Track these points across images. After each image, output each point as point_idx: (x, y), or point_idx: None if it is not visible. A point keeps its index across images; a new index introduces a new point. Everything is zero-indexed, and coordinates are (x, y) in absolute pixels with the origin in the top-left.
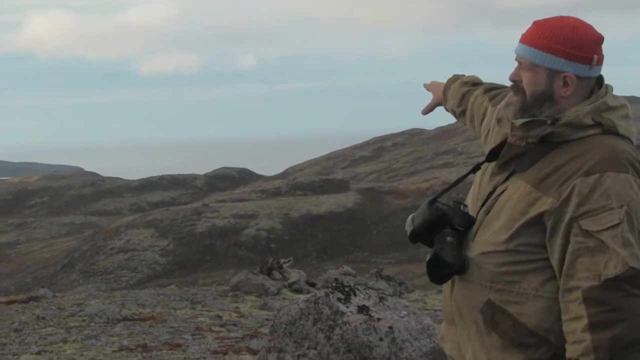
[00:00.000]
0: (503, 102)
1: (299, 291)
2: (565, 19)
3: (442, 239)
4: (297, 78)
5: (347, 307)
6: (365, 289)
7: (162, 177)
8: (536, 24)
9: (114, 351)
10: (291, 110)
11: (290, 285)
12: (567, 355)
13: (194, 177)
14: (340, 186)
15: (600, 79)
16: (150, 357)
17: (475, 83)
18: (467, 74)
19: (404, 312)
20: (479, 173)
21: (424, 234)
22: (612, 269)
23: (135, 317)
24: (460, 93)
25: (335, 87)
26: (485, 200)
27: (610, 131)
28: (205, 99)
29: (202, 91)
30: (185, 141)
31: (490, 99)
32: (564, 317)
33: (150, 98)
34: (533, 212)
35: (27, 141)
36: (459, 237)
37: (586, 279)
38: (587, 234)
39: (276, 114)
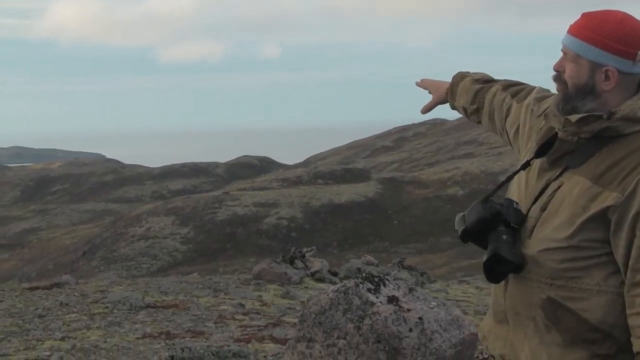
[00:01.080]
0: (533, 96)
1: (321, 280)
2: (614, 13)
3: (497, 237)
4: (321, 67)
5: (377, 298)
6: (394, 279)
7: (183, 165)
8: (584, 15)
9: (137, 338)
10: (314, 99)
11: (312, 275)
12: (635, 349)
13: (216, 165)
14: (361, 175)
15: None
16: (174, 344)
17: (487, 80)
18: (472, 71)
19: (434, 303)
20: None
21: (477, 232)
22: None
23: (158, 304)
24: (474, 90)
25: (358, 76)
26: (537, 197)
27: None
28: (228, 87)
29: (225, 79)
30: (208, 129)
31: (513, 96)
32: (629, 311)
33: (173, 86)
34: (596, 207)
35: (49, 128)
36: (514, 235)
37: None
38: None
39: (299, 102)
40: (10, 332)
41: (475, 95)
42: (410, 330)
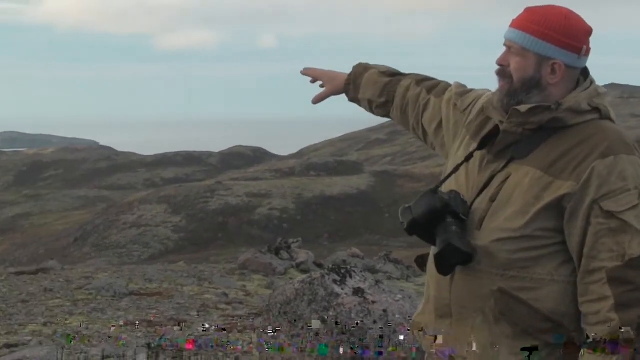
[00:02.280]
0: (453, 92)
1: (306, 271)
2: (559, 8)
3: (447, 228)
4: (318, 58)
5: (342, 289)
6: (361, 271)
7: (177, 154)
8: (529, 10)
9: (120, 325)
10: (310, 90)
11: (297, 266)
12: (594, 336)
13: (209, 154)
14: (354, 168)
15: (585, 70)
16: (155, 332)
17: (393, 73)
18: (374, 63)
19: (399, 296)
20: (454, 163)
21: (425, 224)
22: (637, 248)
23: (142, 292)
24: (382, 83)
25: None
26: (482, 189)
27: (606, 116)
28: (224, 77)
29: (221, 69)
30: (202, 118)
31: (429, 91)
32: (582, 298)
33: (169, 74)
34: (550, 196)
35: (44, 113)
36: (462, 227)
37: (610, 260)
38: (609, 214)
39: (295, 93)
40: None
41: (383, 88)
42: (375, 322)
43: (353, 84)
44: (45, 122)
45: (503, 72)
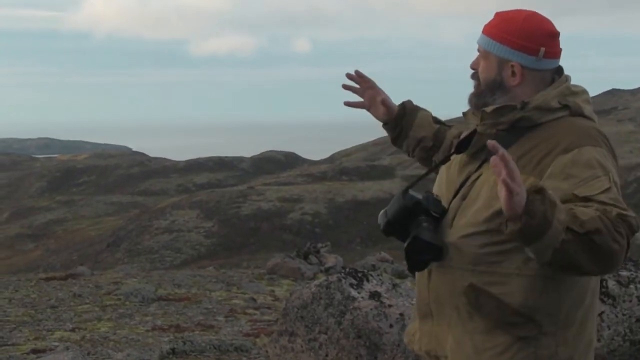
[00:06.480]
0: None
1: None
2: (522, 11)
3: (418, 224)
4: (351, 62)
5: (359, 293)
6: (378, 275)
7: (209, 159)
8: (497, 15)
9: (147, 330)
10: (343, 94)
11: (326, 270)
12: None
13: (241, 159)
14: (386, 172)
15: (559, 70)
16: (182, 337)
17: (439, 121)
18: (421, 106)
19: None
20: (443, 168)
21: (399, 223)
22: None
23: (170, 297)
24: (434, 129)
25: (388, 72)
26: (458, 190)
27: (577, 113)
28: (259, 81)
29: (255, 73)
30: (235, 123)
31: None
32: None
33: (203, 79)
34: None
35: (78, 119)
36: (434, 223)
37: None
38: (586, 199)
39: (328, 97)
40: (22, 321)
41: (436, 134)
42: (391, 326)
43: (409, 117)
44: (79, 128)
45: (474, 75)
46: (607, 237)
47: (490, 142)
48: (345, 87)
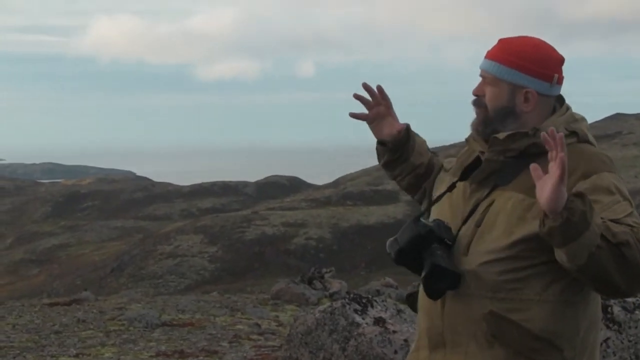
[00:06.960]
0: (442, 160)
1: None
2: (530, 38)
3: (432, 253)
4: (355, 86)
5: (363, 319)
6: (383, 300)
7: (213, 184)
8: (502, 41)
9: (151, 356)
10: (347, 119)
11: (331, 296)
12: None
13: (245, 184)
14: (390, 197)
15: (561, 98)
16: None
17: (430, 150)
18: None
19: None
20: (445, 195)
21: (412, 252)
22: None
23: (174, 322)
24: (429, 156)
25: (393, 96)
26: (467, 217)
27: (584, 139)
28: (263, 106)
29: (259, 98)
30: (241, 147)
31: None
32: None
33: (207, 103)
34: (533, 216)
35: (82, 144)
36: (448, 251)
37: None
38: (613, 222)
39: (332, 122)
40: (26, 347)
41: (429, 162)
42: (396, 352)
43: (412, 142)
44: (83, 153)
45: (478, 101)
46: (635, 252)
47: (551, 130)
48: (356, 96)
